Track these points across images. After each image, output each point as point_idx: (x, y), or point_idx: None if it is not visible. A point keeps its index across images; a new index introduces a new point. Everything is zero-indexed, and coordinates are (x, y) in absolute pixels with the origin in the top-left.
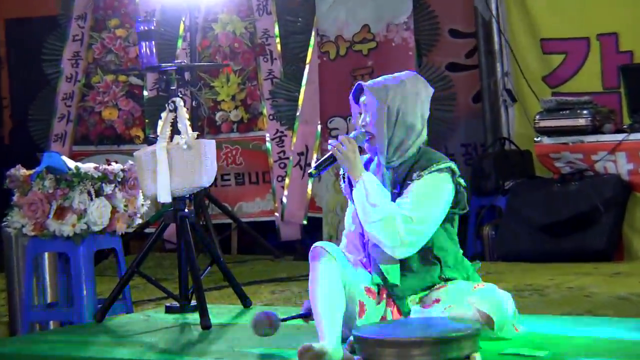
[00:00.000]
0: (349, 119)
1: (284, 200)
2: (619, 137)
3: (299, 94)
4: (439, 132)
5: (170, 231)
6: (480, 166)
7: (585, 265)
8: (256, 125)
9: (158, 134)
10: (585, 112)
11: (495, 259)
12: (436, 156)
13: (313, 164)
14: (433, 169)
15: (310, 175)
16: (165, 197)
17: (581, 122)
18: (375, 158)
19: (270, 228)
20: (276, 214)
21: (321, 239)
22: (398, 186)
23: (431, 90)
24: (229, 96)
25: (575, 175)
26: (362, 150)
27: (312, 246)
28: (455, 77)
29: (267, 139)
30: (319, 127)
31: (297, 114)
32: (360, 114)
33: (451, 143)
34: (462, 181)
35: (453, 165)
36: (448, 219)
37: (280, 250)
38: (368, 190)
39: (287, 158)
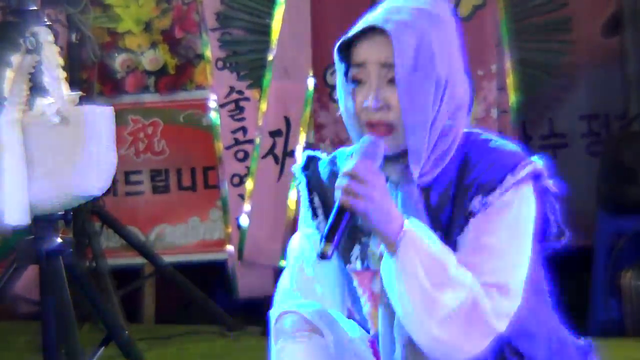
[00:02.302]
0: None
1: (245, 222)
2: None
3: (271, 19)
4: (539, 93)
5: (27, 281)
6: (617, 158)
7: None
8: (191, 80)
9: (4, 95)
10: None
11: None
12: (499, 150)
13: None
14: (509, 184)
15: (322, 257)
16: (17, 216)
17: None
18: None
19: (219, 275)
20: (229, 247)
21: None
22: (442, 222)
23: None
24: (139, 24)
25: None
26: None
27: (275, 313)
28: None
29: (213, 105)
30: (311, 82)
31: (270, 58)
32: (360, 81)
33: (563, 114)
34: (550, 183)
35: (537, 162)
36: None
37: (236, 318)
38: (424, 259)
39: (250, 141)
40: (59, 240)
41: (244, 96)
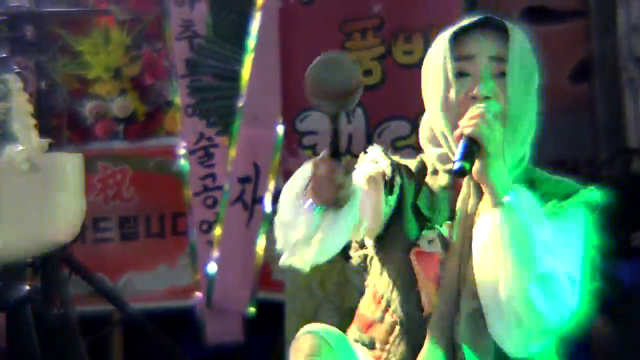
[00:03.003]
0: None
1: (213, 269)
2: None
3: (241, 66)
4: None
5: None
6: None
7: None
8: (161, 127)
9: None
10: None
11: None
12: (561, 176)
13: (457, 156)
14: (582, 198)
15: (458, 172)
16: None
17: None
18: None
19: (187, 321)
20: (198, 294)
21: (282, 339)
22: None
23: None
24: (109, 71)
25: None
26: None
27: (298, 335)
28: (540, 33)
29: (183, 152)
30: (280, 129)
31: (239, 104)
32: (464, 74)
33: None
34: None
35: (598, 195)
36: None
37: None
38: (535, 215)
39: (219, 188)
40: (27, 287)
41: (214, 143)
